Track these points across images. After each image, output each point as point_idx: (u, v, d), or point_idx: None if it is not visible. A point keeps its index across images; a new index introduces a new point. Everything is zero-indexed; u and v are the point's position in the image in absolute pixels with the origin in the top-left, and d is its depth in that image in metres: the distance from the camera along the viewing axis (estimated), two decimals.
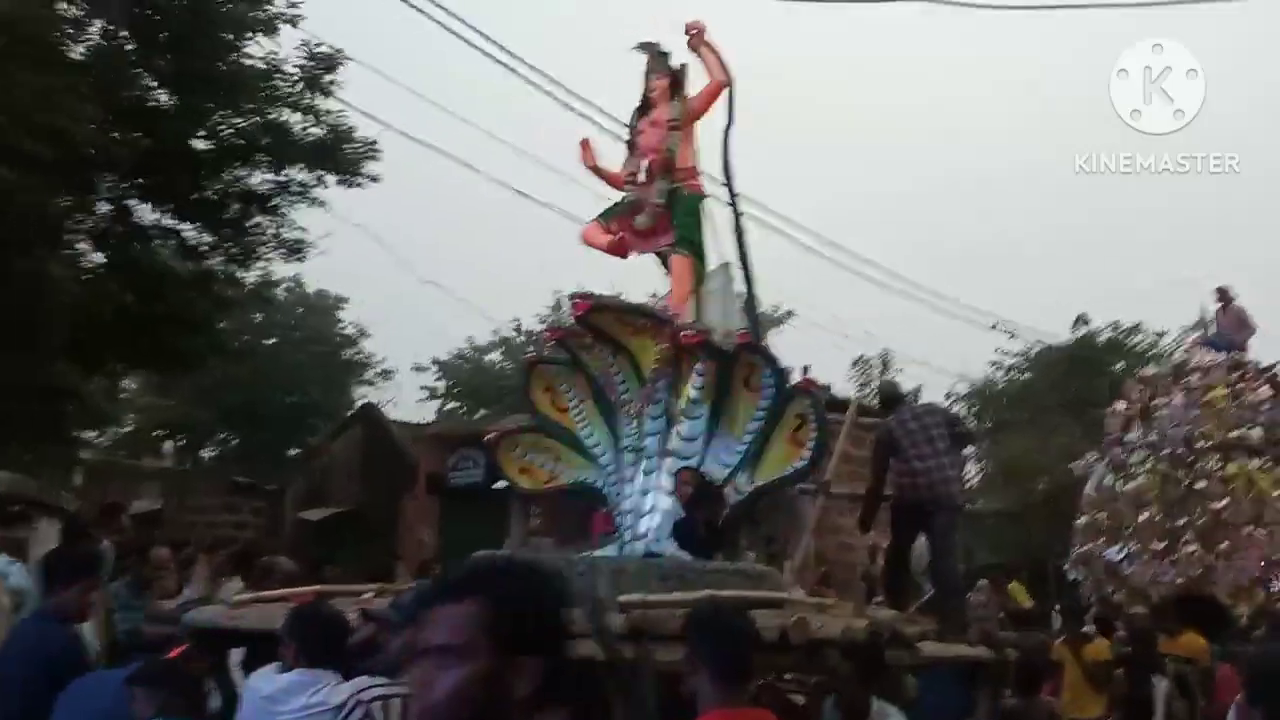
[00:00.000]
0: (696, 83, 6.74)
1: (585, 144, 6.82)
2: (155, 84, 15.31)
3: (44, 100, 12.16)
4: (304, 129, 16.00)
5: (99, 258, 15.42)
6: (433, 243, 34.11)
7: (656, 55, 6.58)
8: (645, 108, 6.62)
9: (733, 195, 6.76)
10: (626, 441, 6.32)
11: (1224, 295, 14.18)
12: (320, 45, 15.78)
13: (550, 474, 6.71)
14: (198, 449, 25.40)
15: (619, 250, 6.51)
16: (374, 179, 16.52)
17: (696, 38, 6.45)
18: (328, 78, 15.86)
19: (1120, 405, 14.12)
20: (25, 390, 13.04)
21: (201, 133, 15.55)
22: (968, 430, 7.74)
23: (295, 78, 15.77)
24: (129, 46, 14.94)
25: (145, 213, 15.79)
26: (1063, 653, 9.11)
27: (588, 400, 6.54)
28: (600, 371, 6.36)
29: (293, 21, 15.51)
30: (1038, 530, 19.89)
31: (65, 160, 13.07)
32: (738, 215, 6.78)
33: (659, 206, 6.36)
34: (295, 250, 16.63)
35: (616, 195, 6.70)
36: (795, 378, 6.86)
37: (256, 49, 15.37)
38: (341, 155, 16.16)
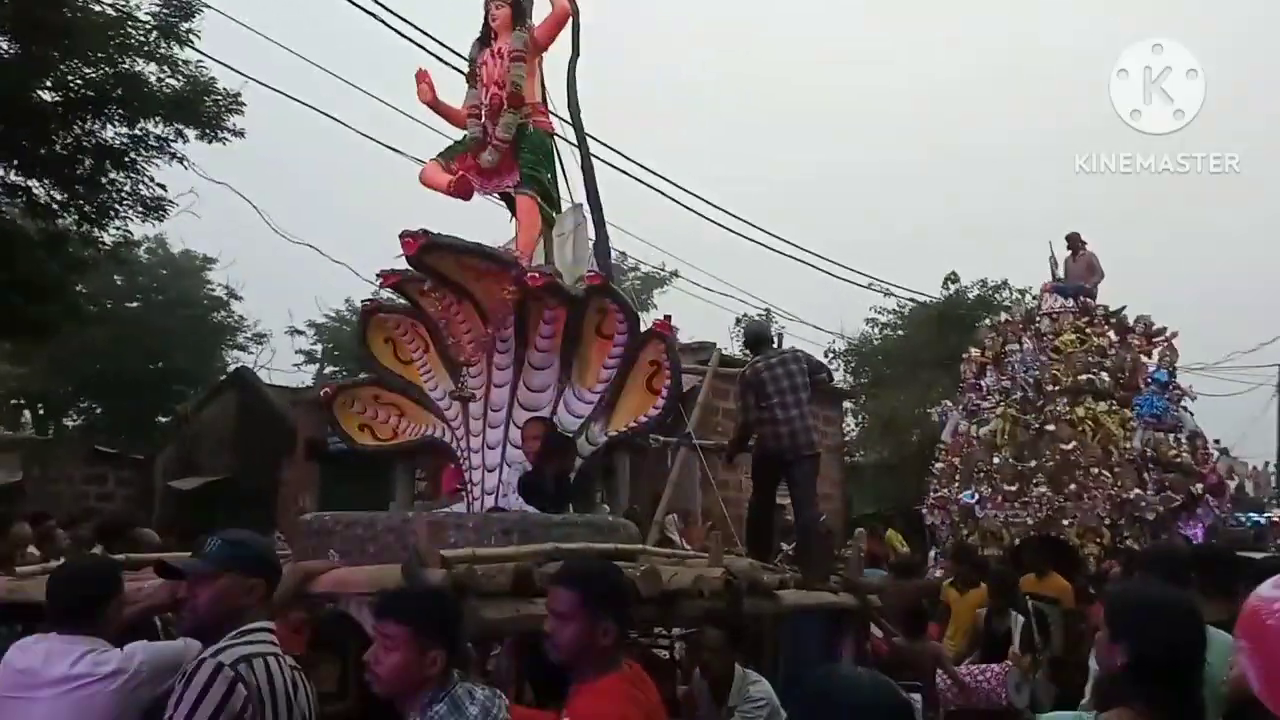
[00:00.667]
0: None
1: (422, 76, 6.18)
2: None
3: None
4: (160, 80, 15.06)
5: None
6: (306, 201, 32.81)
7: None
8: (486, 38, 6.08)
9: (580, 132, 6.29)
10: (473, 393, 5.86)
11: (1074, 241, 14.24)
12: None
13: (394, 430, 6.23)
14: (59, 418, 23.93)
15: (461, 191, 5.98)
16: (238, 133, 15.69)
17: None
18: (184, 26, 14.96)
19: (974, 352, 14.15)
20: None
21: (48, 83, 14.50)
22: (830, 378, 7.50)
23: (149, 25, 14.81)
24: None
25: None
26: (950, 595, 9.10)
27: (430, 350, 6.06)
28: (443, 319, 5.86)
29: None
30: (912, 480, 20.10)
31: None
32: (586, 153, 6.34)
33: (503, 143, 5.87)
34: (155, 209, 15.72)
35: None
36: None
37: None
38: (202, 108, 15.28)
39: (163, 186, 15.56)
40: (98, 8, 14.46)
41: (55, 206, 15.19)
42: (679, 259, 29.15)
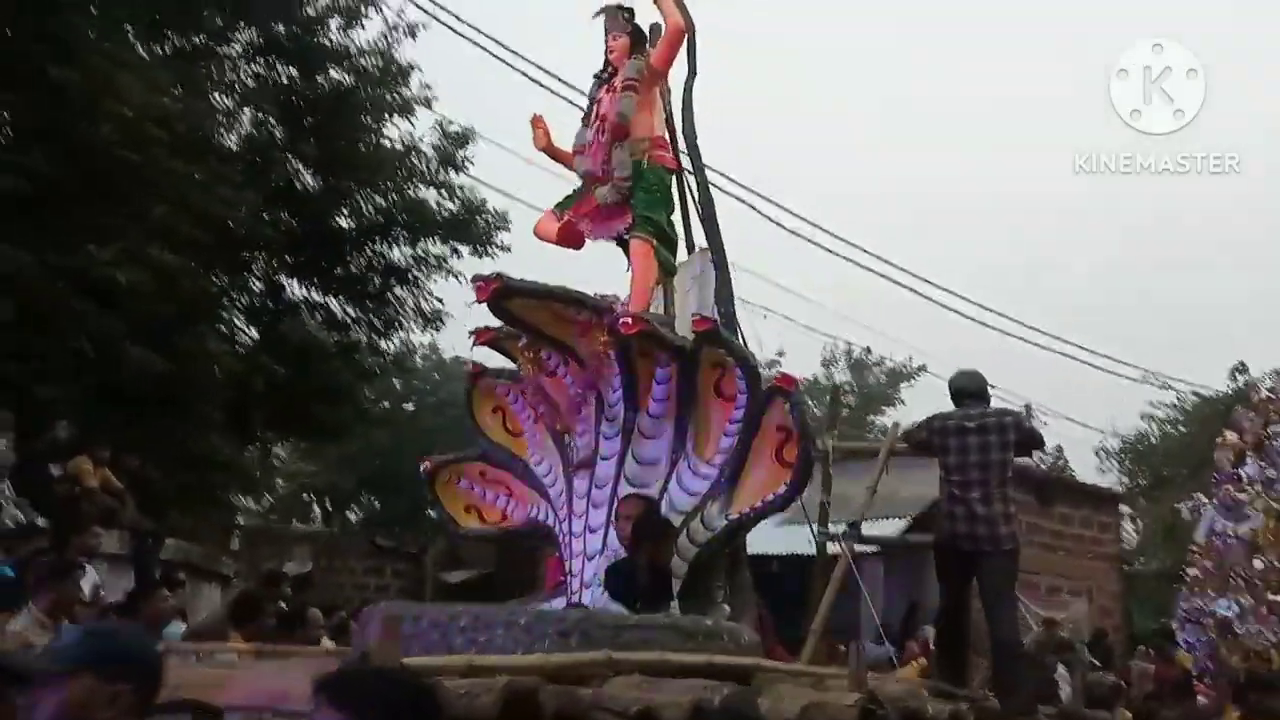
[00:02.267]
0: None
1: (537, 121, 5.08)
2: (302, 168, 14.95)
3: (202, 189, 11.86)
4: (439, 204, 15.41)
5: (252, 333, 15.06)
6: None
7: (613, 13, 4.91)
8: (606, 75, 4.99)
9: (697, 161, 5.01)
10: (585, 458, 4.58)
11: None
12: (453, 124, 15.25)
13: (502, 512, 5.02)
14: (343, 512, 24.72)
15: (571, 239, 4.82)
16: (505, 249, 15.72)
17: None
18: (461, 154, 15.28)
19: (1230, 436, 11.02)
20: (185, 460, 12.53)
21: (345, 212, 15.13)
22: (1035, 431, 5.49)
23: (430, 156, 15.22)
24: (278, 134, 14.67)
25: (294, 289, 15.41)
26: None
27: (540, 419, 4.87)
28: (545, 380, 4.69)
29: (427, 103, 15.04)
30: None
31: (221, 243, 12.73)
32: (705, 187, 5.04)
33: (624, 181, 4.65)
34: (433, 320, 15.95)
35: None
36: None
37: (394, 131, 14.97)
38: (474, 228, 15.46)
39: (440, 300, 15.76)
40: (387, 143, 15.01)
41: (349, 321, 15.66)
42: (927, 353, 26.70)
